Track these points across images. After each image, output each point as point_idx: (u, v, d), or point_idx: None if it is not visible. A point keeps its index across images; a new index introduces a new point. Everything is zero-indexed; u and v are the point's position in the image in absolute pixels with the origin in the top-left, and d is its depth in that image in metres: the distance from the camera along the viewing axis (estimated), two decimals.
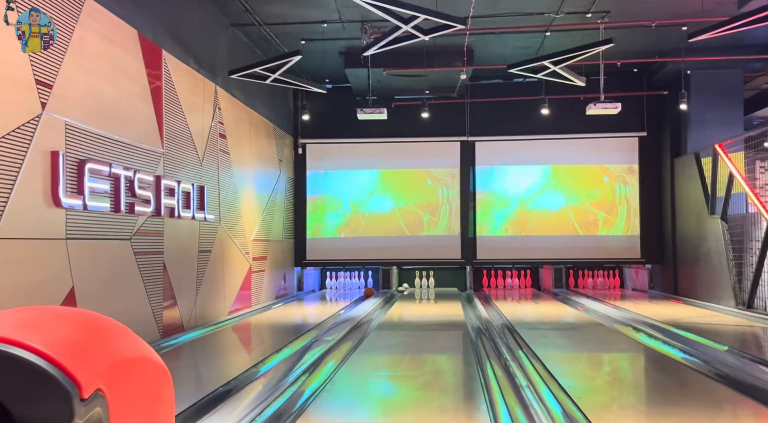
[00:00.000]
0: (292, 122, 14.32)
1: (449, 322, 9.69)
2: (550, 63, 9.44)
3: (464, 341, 8.00)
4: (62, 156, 5.69)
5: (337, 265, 14.83)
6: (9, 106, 5.07)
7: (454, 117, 14.17)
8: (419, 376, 6.27)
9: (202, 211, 8.97)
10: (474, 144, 14.45)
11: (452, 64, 11.52)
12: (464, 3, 9.09)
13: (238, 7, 9.54)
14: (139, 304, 7.21)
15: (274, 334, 8.93)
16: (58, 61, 5.71)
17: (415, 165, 14.55)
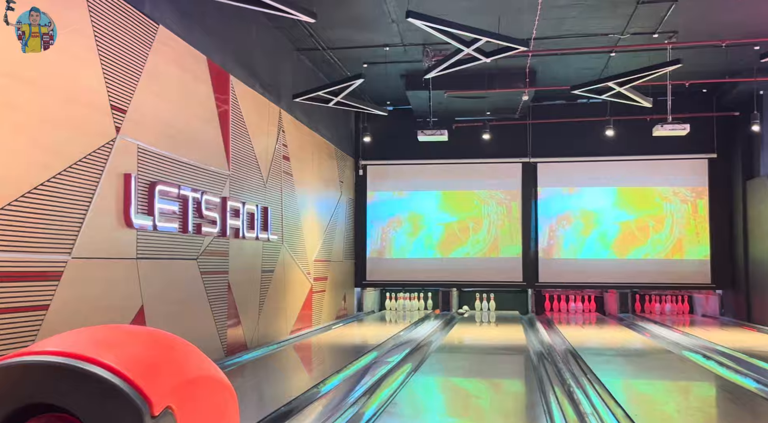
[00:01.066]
0: (353, 144, 14.49)
1: (510, 346, 9.57)
2: (615, 84, 9.32)
3: (526, 366, 7.88)
4: (134, 178, 5.91)
5: (396, 286, 14.84)
6: (86, 131, 5.30)
7: (516, 138, 14.09)
8: (480, 400, 6.21)
9: (266, 232, 9.14)
10: (536, 165, 14.33)
11: (514, 85, 11.48)
12: (527, 25, 9.07)
13: (302, 32, 9.76)
14: (205, 323, 7.37)
15: (335, 355, 8.97)
16: (133, 87, 5.95)
17: (475, 186, 14.51)
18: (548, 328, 11.32)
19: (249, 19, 8.57)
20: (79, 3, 5.25)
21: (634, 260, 13.91)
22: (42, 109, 4.80)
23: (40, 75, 4.77)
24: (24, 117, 4.61)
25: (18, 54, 4.53)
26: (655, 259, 13.87)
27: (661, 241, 13.94)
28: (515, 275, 14.24)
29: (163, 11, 6.55)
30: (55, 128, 4.93)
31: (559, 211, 14.29)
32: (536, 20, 8.86)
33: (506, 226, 14.42)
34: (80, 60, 5.25)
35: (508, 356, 8.88)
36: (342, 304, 13.44)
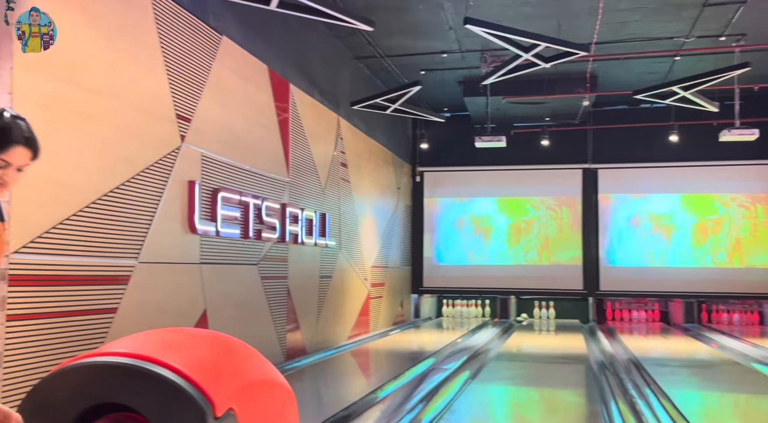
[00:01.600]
0: (410, 150, 14.52)
1: (570, 355, 9.41)
2: (679, 88, 9.10)
3: (587, 376, 7.75)
4: (198, 185, 6.06)
5: (453, 293, 14.77)
6: (153, 139, 5.47)
7: (576, 144, 13.89)
8: (539, 410, 6.13)
9: (324, 238, 9.23)
10: (597, 171, 14.08)
11: (574, 90, 11.33)
12: (587, 29, 8.95)
13: (361, 40, 9.84)
14: (265, 327, 7.49)
15: (392, 361, 9.00)
16: (197, 97, 6.11)
17: (534, 193, 14.34)
18: (610, 338, 11.09)
19: (309, 29, 8.70)
20: (147, 15, 5.42)
21: (699, 269, 13.52)
22: (111, 118, 4.97)
23: (109, 85, 4.95)
24: (95, 126, 4.79)
25: (91, 65, 4.71)
26: (722, 268, 13.45)
27: (726, 249, 13.51)
28: (575, 283, 14.00)
29: (226, 22, 6.71)
30: (124, 137, 5.10)
31: (621, 218, 14.00)
32: (597, 25, 8.73)
33: (566, 233, 14.20)
34: (148, 71, 5.42)
35: (568, 365, 8.74)
36: (399, 311, 13.46)
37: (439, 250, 14.65)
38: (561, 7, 8.51)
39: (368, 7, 8.04)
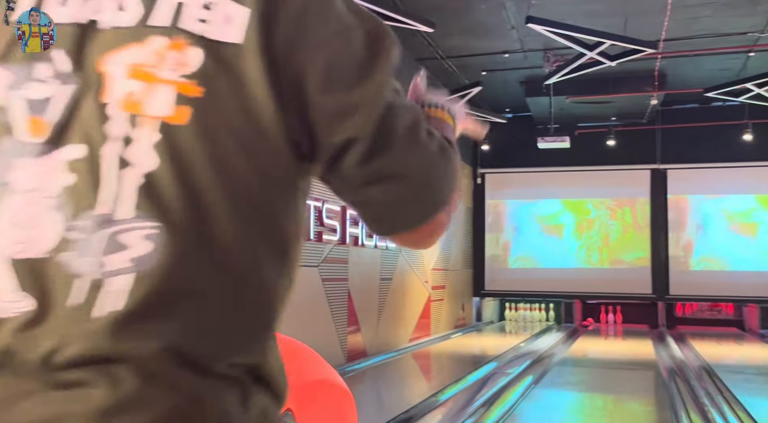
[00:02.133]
0: (471, 152, 14.41)
1: (638, 361, 9.18)
2: (753, 85, 8.77)
3: (656, 382, 7.53)
4: None
5: (516, 297, 14.57)
6: None
7: (644, 144, 13.51)
8: (604, 417, 5.99)
9: (384, 240, 9.24)
10: (666, 172, 13.68)
11: (641, 89, 11.04)
12: (655, 26, 8.71)
13: (421, 42, 9.82)
14: (326, 329, 7.54)
15: (453, 364, 8.95)
16: None
17: (600, 194, 14.02)
18: (680, 343, 10.76)
19: None
20: None
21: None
22: None
23: None
24: None
25: None
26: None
27: None
28: (644, 287, 13.61)
29: None
30: None
31: (692, 220, 13.56)
32: (665, 21, 8.49)
33: (633, 235, 13.84)
34: None
35: (636, 372, 8.52)
36: (460, 314, 13.37)
37: (501, 253, 14.48)
38: (627, 4, 8.30)
39: (429, 9, 8.01)
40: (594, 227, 14.06)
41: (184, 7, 0.77)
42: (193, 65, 0.74)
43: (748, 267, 13.11)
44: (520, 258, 14.33)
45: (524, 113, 13.50)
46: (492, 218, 14.53)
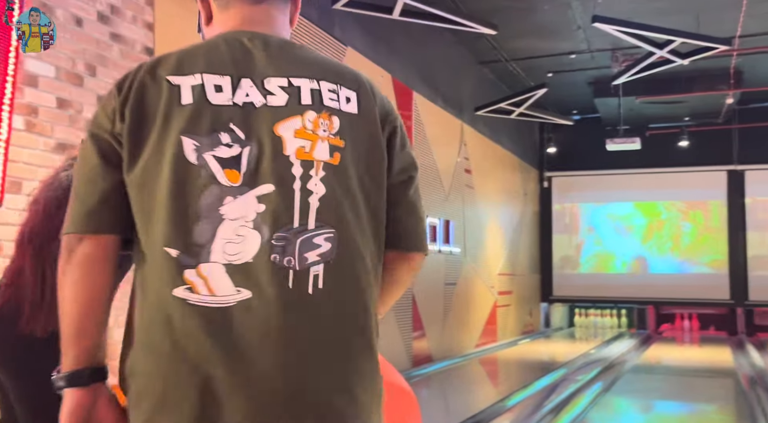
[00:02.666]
0: (537, 155, 14.24)
1: (716, 369, 8.89)
2: None
3: (735, 391, 7.28)
4: None
5: (586, 302, 14.29)
6: None
7: (719, 144, 13.07)
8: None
9: (448, 245, 9.23)
10: (743, 173, 13.20)
11: (716, 87, 10.70)
12: (729, 23, 8.45)
13: (485, 45, 9.79)
14: (391, 334, 7.58)
15: (521, 370, 8.86)
16: None
17: (672, 196, 13.64)
18: (762, 351, 10.35)
19: (432, 36, 8.76)
20: None
21: None
22: None
23: None
24: None
25: None
26: None
27: None
28: (721, 292, 13.15)
29: (351, 33, 6.89)
30: None
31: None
32: (741, 17, 8.23)
33: (708, 238, 13.41)
34: None
35: (714, 380, 8.25)
36: (528, 320, 13.21)
37: (569, 258, 14.25)
38: (699, 1, 8.09)
39: (492, 11, 7.99)
40: (666, 230, 13.69)
41: (321, 92, 1.19)
42: (336, 127, 1.18)
43: None
44: (590, 262, 14.08)
45: (592, 115, 13.26)
46: (559, 222, 14.30)
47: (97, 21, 3.92)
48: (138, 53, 4.21)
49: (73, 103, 3.76)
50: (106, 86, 3.94)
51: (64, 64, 3.71)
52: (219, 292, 1.09)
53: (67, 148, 3.71)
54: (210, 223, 1.10)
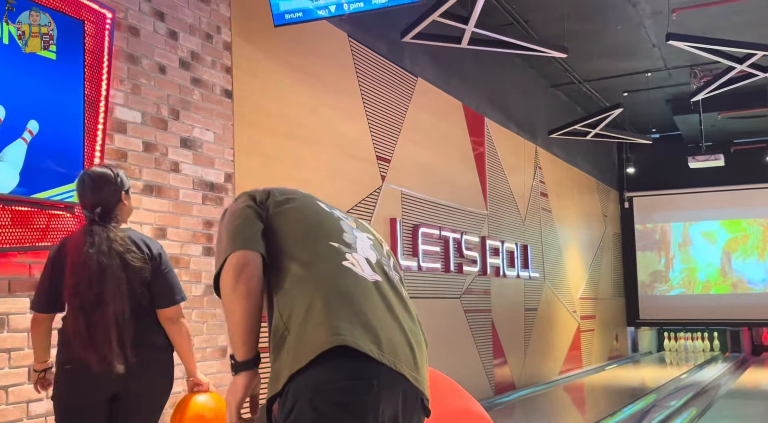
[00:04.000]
0: (616, 176, 13.95)
1: None
2: None
3: None
4: (399, 222, 6.31)
5: (676, 325, 13.79)
6: (359, 180, 5.81)
7: None
8: None
9: (527, 270, 9.12)
10: None
11: None
12: None
13: (557, 68, 9.73)
14: (471, 361, 7.52)
15: (608, 397, 8.60)
16: (395, 137, 6.41)
17: (760, 214, 13.08)
18: None
19: (502, 61, 8.78)
20: (348, 66, 5.82)
21: None
22: (318, 162, 5.36)
23: (315, 132, 5.35)
24: (308, 172, 5.20)
25: (299, 117, 5.14)
26: None
27: None
28: None
29: (421, 65, 6.99)
30: (332, 179, 5.47)
31: None
32: None
33: None
34: (350, 118, 5.79)
35: None
36: (614, 344, 12.84)
37: (655, 279, 13.81)
38: None
39: (563, 35, 7.95)
40: (759, 249, 13.10)
41: (382, 246, 1.93)
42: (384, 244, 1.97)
43: None
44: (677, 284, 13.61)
45: (672, 132, 12.92)
46: (642, 243, 13.90)
47: (179, 67, 4.14)
48: (218, 96, 4.41)
49: (158, 146, 3.96)
50: (189, 129, 4.14)
51: (150, 110, 3.92)
52: (365, 273, 1.72)
53: (154, 189, 3.91)
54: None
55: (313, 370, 1.51)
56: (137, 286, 2.63)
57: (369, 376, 1.53)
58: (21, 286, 3.21)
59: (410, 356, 1.65)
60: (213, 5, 4.43)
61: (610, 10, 7.88)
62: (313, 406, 1.49)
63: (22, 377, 3.18)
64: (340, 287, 1.64)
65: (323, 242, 1.75)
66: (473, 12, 5.24)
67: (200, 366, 4.11)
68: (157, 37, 4.01)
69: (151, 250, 2.71)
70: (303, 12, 4.43)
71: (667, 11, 7.27)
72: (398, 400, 1.57)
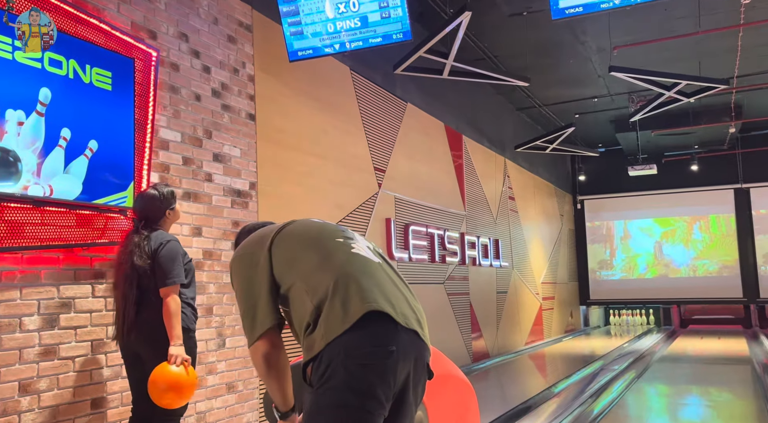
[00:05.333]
0: (570, 182, 13.95)
1: (733, 358, 8.40)
2: None
3: (751, 376, 6.86)
4: (393, 222, 6.29)
5: (619, 304, 13.80)
6: (359, 187, 5.79)
7: (726, 167, 12.52)
8: (702, 405, 5.53)
9: (498, 260, 9.11)
10: (749, 190, 12.57)
11: (719, 120, 10.27)
12: (728, 65, 8.13)
13: (521, 94, 9.73)
14: (454, 335, 7.50)
15: (565, 363, 8.59)
16: (389, 152, 6.39)
17: (687, 213, 13.12)
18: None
19: (477, 89, 8.77)
20: (350, 93, 5.80)
21: None
22: (327, 174, 5.34)
23: (324, 149, 5.33)
24: (317, 181, 5.18)
25: (311, 135, 5.12)
26: None
27: None
28: (735, 291, 12.49)
29: (410, 92, 6.97)
30: (337, 187, 5.45)
31: None
32: (737, 60, 7.91)
33: (722, 247, 12.77)
34: (352, 136, 5.77)
35: (731, 367, 7.80)
36: (569, 320, 12.82)
37: (602, 266, 13.82)
38: (701, 49, 7.82)
39: (526, 67, 7.94)
40: (684, 240, 13.13)
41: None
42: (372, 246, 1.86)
43: None
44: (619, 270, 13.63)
45: (615, 147, 12.93)
46: (592, 237, 13.91)
47: (211, 96, 4.12)
48: (243, 119, 4.38)
49: (195, 160, 3.94)
50: (220, 146, 4.12)
51: (188, 131, 3.90)
52: (371, 256, 1.77)
53: (191, 196, 3.88)
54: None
55: (344, 337, 1.54)
56: (141, 277, 2.87)
57: (390, 343, 1.56)
58: (85, 275, 3.18)
59: (418, 321, 1.70)
60: (239, 45, 4.41)
61: (564, 47, 7.87)
62: (344, 367, 1.52)
63: (86, 349, 3.15)
64: (357, 268, 1.68)
65: (331, 240, 1.77)
66: (452, 49, 5.23)
67: (231, 340, 4.09)
68: (194, 72, 3.98)
69: (151, 247, 2.89)
70: (313, 49, 4.41)
71: (609, 48, 7.26)
72: (411, 364, 1.61)
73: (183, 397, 2.72)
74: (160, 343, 2.79)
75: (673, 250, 13.22)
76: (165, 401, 2.69)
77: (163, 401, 2.69)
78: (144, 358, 2.86)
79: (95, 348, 3.19)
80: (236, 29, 4.38)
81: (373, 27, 4.20)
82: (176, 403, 2.73)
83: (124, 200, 3.26)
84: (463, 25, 4.75)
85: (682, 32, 7.13)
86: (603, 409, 5.02)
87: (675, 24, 7.08)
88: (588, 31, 7.33)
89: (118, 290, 2.91)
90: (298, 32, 4.40)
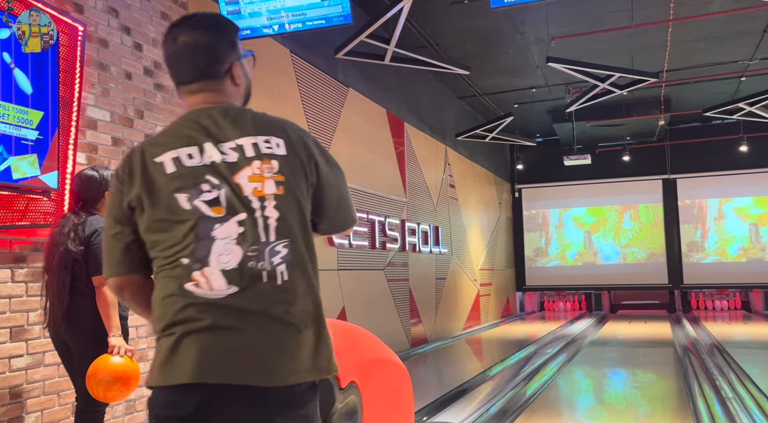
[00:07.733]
0: (509, 171, 14.25)
1: (658, 341, 8.83)
2: (746, 105, 8.40)
3: (673, 357, 7.23)
4: None
5: (553, 290, 14.26)
6: None
7: (655, 158, 13.10)
8: (629, 385, 5.80)
9: (437, 246, 9.22)
10: (675, 181, 13.20)
11: (650, 112, 10.70)
12: (658, 59, 8.46)
13: (462, 83, 9.82)
14: (393, 321, 7.56)
15: (501, 347, 8.81)
16: (330, 138, 6.33)
17: (618, 202, 13.65)
18: (694, 325, 10.30)
19: (418, 77, 8.80)
20: (290, 77, 5.70)
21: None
22: None
23: None
24: None
25: None
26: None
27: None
28: (661, 278, 13.14)
29: (352, 77, 6.92)
30: None
31: (699, 220, 13.03)
32: (666, 54, 8.24)
33: (649, 235, 13.38)
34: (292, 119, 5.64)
35: (656, 349, 8.21)
36: (505, 306, 13.16)
37: (537, 254, 14.22)
38: (633, 43, 8.11)
39: (466, 55, 8.01)
40: (615, 229, 13.66)
41: (258, 145, 1.31)
42: (276, 168, 1.30)
43: (748, 257, 12.51)
44: (554, 258, 14.06)
45: (551, 137, 13.28)
46: (529, 225, 14.29)
47: (143, 74, 3.96)
48: (177, 99, 4.24)
49: (125, 141, 3.78)
50: (153, 127, 3.97)
51: (118, 110, 3.74)
52: (216, 287, 1.23)
53: None
54: (207, 243, 1.25)
55: None
56: (74, 262, 2.70)
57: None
58: (3, 259, 3.02)
59: None
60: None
61: (504, 37, 7.98)
62: None
63: (4, 336, 2.99)
64: None
65: None
66: (394, 35, 5.22)
67: None
68: (124, 49, 3.81)
69: (85, 232, 2.71)
70: (251, 30, 4.30)
71: (548, 39, 7.42)
72: None
73: (130, 388, 2.59)
74: (90, 331, 2.66)
75: (603, 240, 13.74)
76: (111, 393, 2.54)
77: (109, 393, 2.54)
78: (71, 346, 2.71)
79: (14, 335, 3.04)
80: (170, 6, 4.22)
81: (314, 8, 4.13)
82: (123, 395, 2.59)
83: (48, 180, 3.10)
84: (405, 11, 4.74)
85: (616, 26, 7.36)
86: (535, 390, 5.18)
87: (609, 17, 7.29)
88: (527, 22, 7.46)
89: (51, 274, 2.72)
90: (236, 11, 4.28)
